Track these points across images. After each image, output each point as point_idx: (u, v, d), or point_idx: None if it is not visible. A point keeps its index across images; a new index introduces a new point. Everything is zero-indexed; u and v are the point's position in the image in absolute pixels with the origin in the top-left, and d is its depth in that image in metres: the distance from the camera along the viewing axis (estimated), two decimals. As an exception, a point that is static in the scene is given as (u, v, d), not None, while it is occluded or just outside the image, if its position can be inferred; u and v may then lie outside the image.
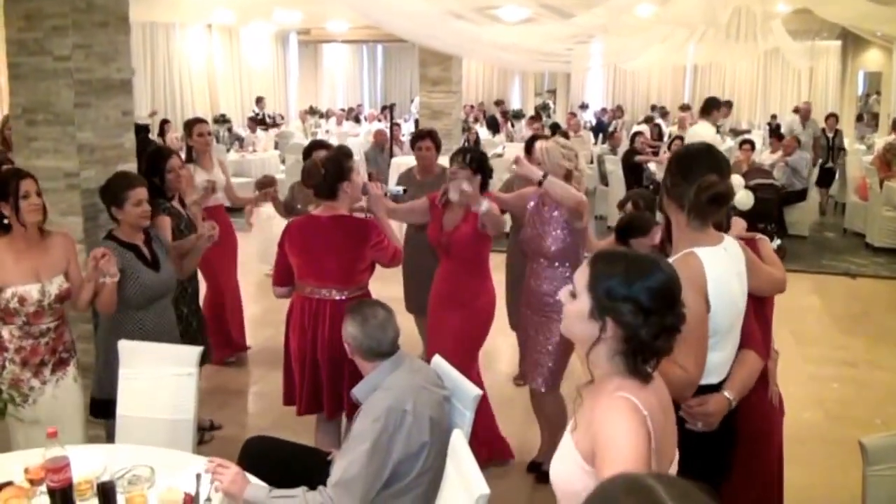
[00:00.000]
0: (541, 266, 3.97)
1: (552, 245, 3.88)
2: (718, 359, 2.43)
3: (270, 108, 16.72)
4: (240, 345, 5.88)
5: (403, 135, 14.10)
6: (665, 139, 12.72)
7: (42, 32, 3.86)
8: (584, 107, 19.97)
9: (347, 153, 3.86)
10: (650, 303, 1.73)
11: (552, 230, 3.89)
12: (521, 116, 16.52)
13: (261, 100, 16.73)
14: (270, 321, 5.13)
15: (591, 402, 1.79)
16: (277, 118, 16.93)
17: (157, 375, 3.22)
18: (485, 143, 12.59)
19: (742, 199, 7.95)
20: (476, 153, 4.10)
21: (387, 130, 11.26)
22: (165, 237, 4.04)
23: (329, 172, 3.73)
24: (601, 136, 15.27)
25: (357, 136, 15.27)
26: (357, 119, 17.62)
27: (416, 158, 5.48)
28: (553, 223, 3.89)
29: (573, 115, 15.83)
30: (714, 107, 8.21)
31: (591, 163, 11.83)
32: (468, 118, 15.42)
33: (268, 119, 16.37)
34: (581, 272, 1.81)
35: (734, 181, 8.12)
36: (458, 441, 2.53)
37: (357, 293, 3.66)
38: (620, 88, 21.21)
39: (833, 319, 7.01)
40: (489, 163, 4.06)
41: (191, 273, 4.21)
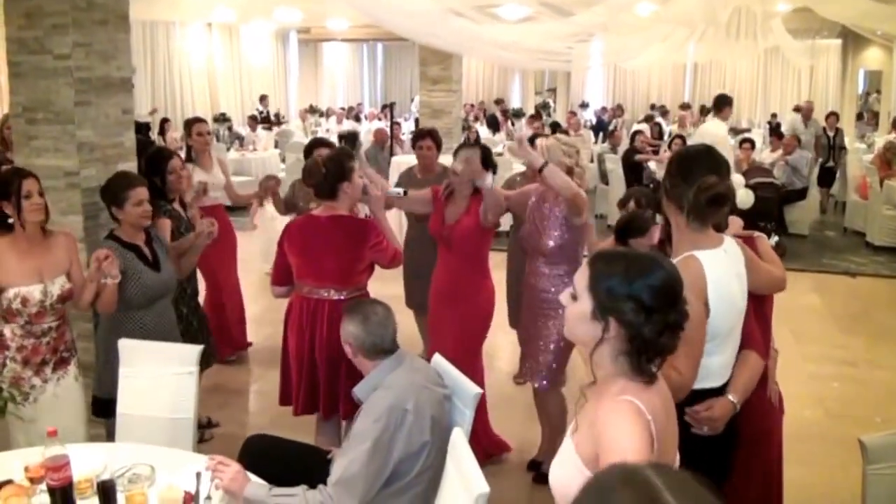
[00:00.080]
0: (539, 264, 3.96)
1: (550, 242, 3.87)
2: (719, 362, 2.42)
3: (272, 107, 16.71)
4: (240, 343, 5.87)
5: (404, 133, 14.09)
6: (665, 138, 12.73)
7: (42, 31, 3.85)
8: (585, 105, 19.97)
9: (349, 154, 3.85)
10: (652, 300, 1.71)
11: (550, 227, 3.89)
12: (522, 115, 16.50)
13: (265, 98, 16.71)
14: (271, 320, 5.13)
15: (594, 404, 1.77)
16: (282, 116, 16.93)
17: (158, 374, 3.22)
18: (485, 142, 12.57)
19: (742, 198, 7.96)
20: (480, 148, 4.10)
21: (387, 129, 11.26)
22: (165, 238, 4.03)
23: (330, 172, 3.72)
24: (601, 135, 15.26)
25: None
26: (357, 118, 17.60)
27: (417, 157, 5.49)
28: (552, 220, 3.89)
29: (573, 114, 15.83)
30: (725, 104, 8.32)
31: (592, 161, 11.82)
32: (468, 117, 15.41)
33: (272, 117, 16.38)
34: (581, 273, 1.79)
35: (734, 180, 8.15)
36: (459, 439, 2.53)
37: (355, 294, 3.65)
38: (621, 87, 21.22)
39: (833, 318, 7.01)
40: (493, 157, 4.06)
41: (189, 272, 4.20)
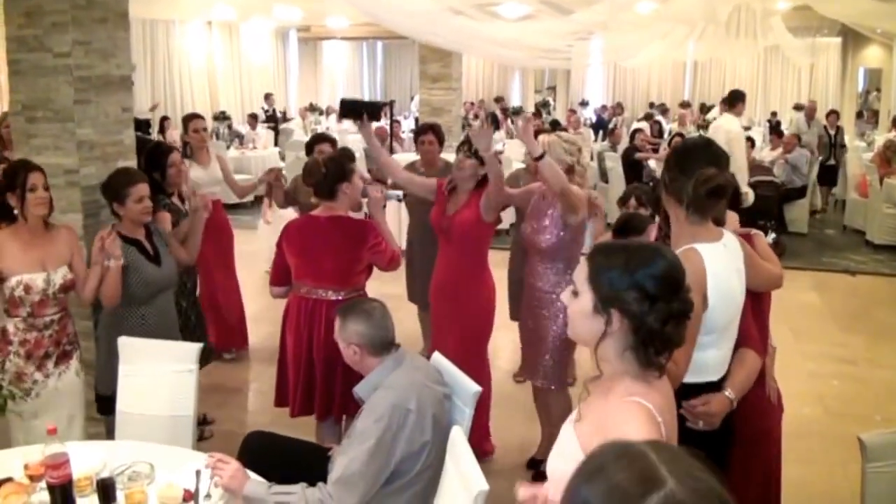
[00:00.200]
0: (536, 261, 3.97)
1: (546, 240, 3.88)
2: (716, 356, 2.42)
3: (263, 104, 16.69)
4: (238, 342, 5.87)
5: (403, 132, 14.09)
6: (665, 136, 12.73)
7: (42, 29, 3.85)
8: (585, 104, 19.96)
9: (350, 155, 3.87)
10: (655, 289, 1.68)
11: (547, 225, 3.89)
12: (521, 113, 16.49)
13: (269, 96, 16.70)
14: (272, 318, 5.13)
15: (601, 402, 1.74)
16: (287, 114, 16.90)
17: (157, 372, 3.23)
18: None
19: (742, 197, 7.96)
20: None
21: (386, 127, 11.26)
22: (166, 230, 4.05)
23: (330, 172, 3.73)
24: (601, 133, 15.26)
25: (357, 134, 15.23)
26: (356, 120, 17.53)
27: (419, 153, 5.47)
28: (548, 218, 3.89)
29: (573, 112, 15.83)
30: (739, 100, 8.34)
31: (592, 160, 11.81)
32: (468, 115, 15.40)
33: (278, 115, 16.35)
34: (580, 268, 1.76)
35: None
36: (458, 438, 2.54)
37: (353, 294, 3.65)
38: (620, 85, 21.22)
39: (833, 316, 7.01)
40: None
41: (197, 254, 4.21)
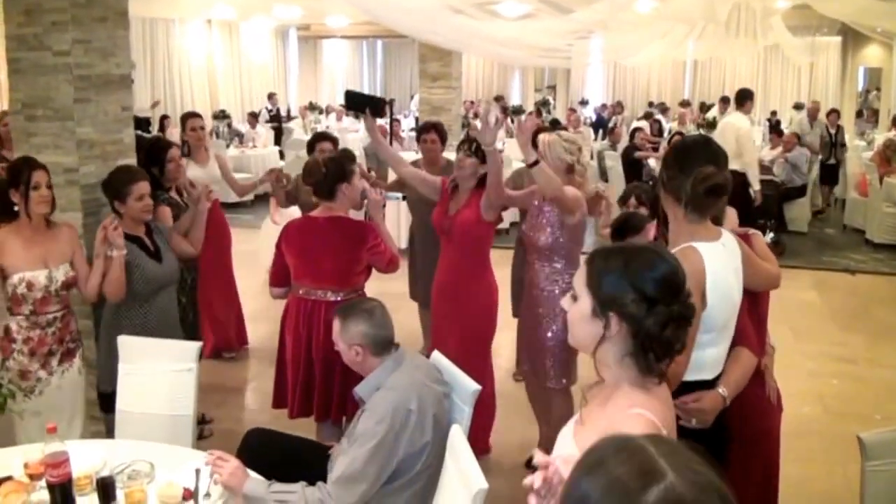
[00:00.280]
0: (534, 260, 3.98)
1: (543, 239, 3.88)
2: (713, 355, 2.41)
3: (266, 104, 16.69)
4: (237, 341, 5.87)
5: (403, 130, 14.08)
6: (665, 135, 12.73)
7: (41, 28, 3.85)
8: (584, 103, 19.97)
9: (350, 156, 3.88)
10: (654, 292, 1.64)
11: (544, 224, 3.90)
12: (521, 112, 16.49)
13: (272, 96, 16.70)
14: (272, 317, 5.12)
15: (601, 410, 1.71)
16: (291, 113, 16.88)
17: (157, 371, 3.23)
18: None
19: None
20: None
21: (386, 126, 11.25)
22: (166, 224, 4.08)
23: (329, 172, 3.74)
24: (601, 132, 15.26)
25: (357, 132, 15.25)
26: (357, 115, 17.56)
27: (422, 151, 5.45)
28: (546, 217, 3.89)
29: (573, 111, 15.84)
30: (747, 98, 8.38)
31: (591, 159, 11.81)
32: (468, 114, 15.40)
33: (282, 115, 16.35)
34: (579, 273, 1.74)
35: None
36: (457, 436, 2.54)
37: (352, 295, 3.65)
38: (620, 84, 21.22)
39: (832, 316, 7.01)
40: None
41: (201, 245, 4.22)
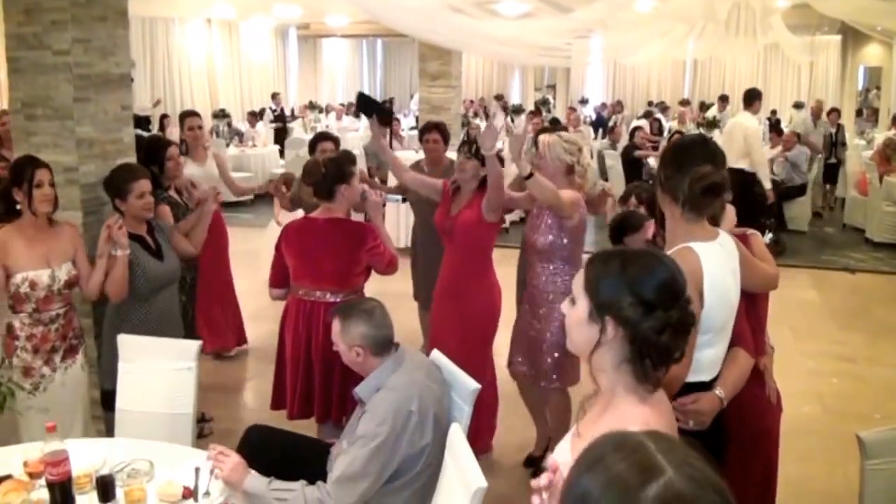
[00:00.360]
0: (534, 260, 3.99)
1: (542, 240, 3.89)
2: (711, 356, 2.40)
3: (270, 104, 16.66)
4: (236, 340, 5.88)
5: (403, 129, 14.07)
6: (665, 134, 12.73)
7: (41, 27, 3.85)
8: (584, 102, 19.96)
9: (351, 157, 3.89)
10: (652, 296, 1.60)
11: (543, 225, 3.91)
12: (521, 111, 16.49)
13: (276, 95, 16.71)
14: (272, 316, 5.11)
15: (597, 422, 1.67)
16: (295, 113, 16.86)
17: (156, 370, 3.23)
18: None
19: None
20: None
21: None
22: (167, 223, 4.09)
23: (329, 173, 3.75)
24: (601, 131, 15.25)
25: (357, 131, 15.26)
26: (357, 114, 17.55)
27: (424, 151, 5.45)
28: (544, 218, 3.90)
29: (573, 110, 15.84)
30: (756, 98, 8.37)
31: (591, 158, 11.82)
32: (468, 113, 15.39)
33: (286, 114, 16.35)
34: (578, 277, 1.72)
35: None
36: (456, 435, 2.54)
37: (351, 296, 3.65)
38: (620, 83, 21.21)
39: (832, 314, 7.01)
40: (499, 154, 4.05)
41: (201, 244, 4.25)
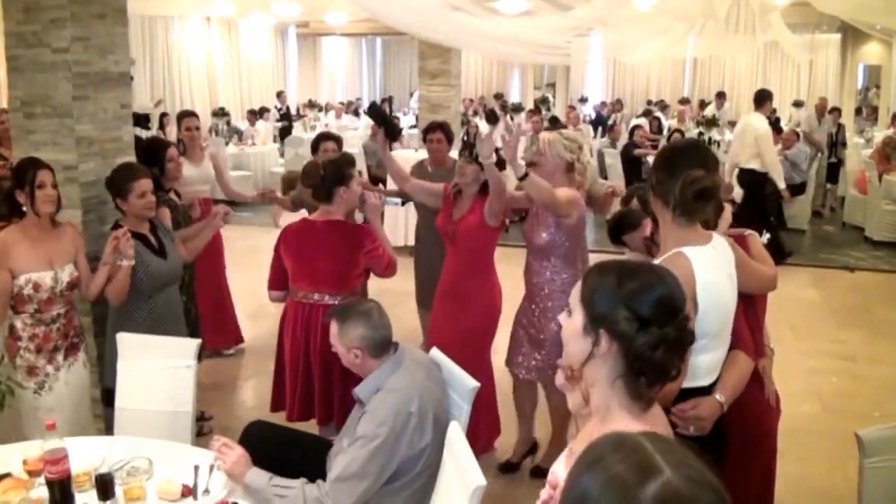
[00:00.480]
0: (532, 258, 3.99)
1: (540, 238, 3.90)
2: (709, 361, 2.39)
3: (270, 102, 16.65)
4: (232, 339, 5.90)
5: (402, 128, 14.06)
6: (665, 132, 12.73)
7: (40, 25, 3.85)
8: (584, 100, 19.94)
9: (350, 160, 3.90)
10: (648, 312, 1.57)
11: (540, 223, 3.91)
12: (521, 110, 16.48)
13: (281, 94, 16.68)
14: (271, 315, 5.13)
15: (590, 440, 1.63)
16: (300, 111, 16.84)
17: (156, 368, 3.23)
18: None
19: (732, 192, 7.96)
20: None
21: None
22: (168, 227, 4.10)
23: (328, 175, 3.76)
24: (600, 130, 15.25)
25: (356, 130, 15.25)
26: (356, 113, 17.57)
27: (428, 151, 5.44)
28: (542, 216, 3.91)
29: (572, 109, 15.83)
30: (766, 98, 8.34)
31: (591, 156, 11.80)
32: (467, 111, 15.38)
33: (291, 113, 16.33)
34: (575, 288, 1.69)
35: (725, 173, 8.04)
36: (455, 434, 2.53)
37: (350, 299, 3.64)
38: (620, 82, 21.18)
39: (831, 313, 7.02)
40: (500, 154, 4.04)
41: (196, 254, 4.27)
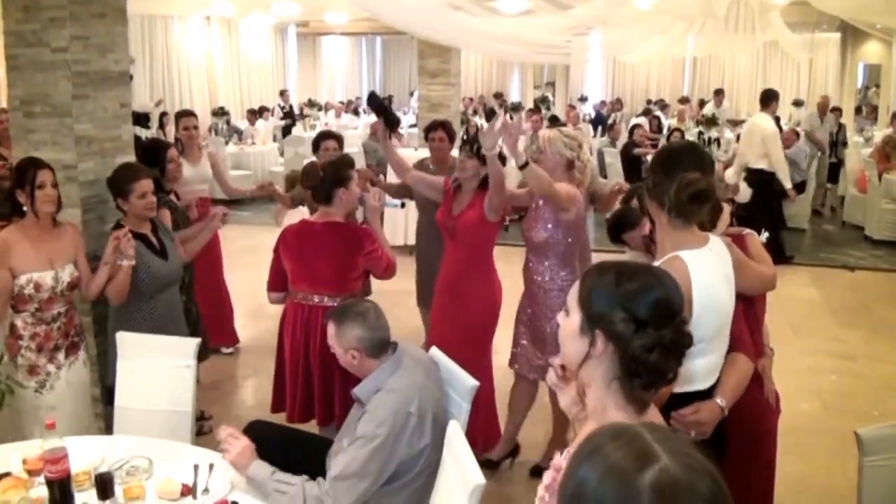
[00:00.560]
0: (531, 256, 4.00)
1: (538, 236, 3.90)
2: (706, 364, 2.38)
3: (269, 102, 16.66)
4: (229, 338, 5.91)
5: (402, 128, 14.05)
6: (664, 132, 12.72)
7: (40, 24, 3.84)
8: (584, 99, 19.93)
9: (349, 161, 3.89)
10: (644, 313, 1.56)
11: (539, 221, 3.91)
12: (521, 109, 16.47)
13: (284, 92, 16.66)
14: (271, 314, 5.13)
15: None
16: (306, 110, 16.85)
17: (155, 367, 3.24)
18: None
19: (741, 192, 7.95)
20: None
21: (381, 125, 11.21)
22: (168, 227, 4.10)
23: (327, 177, 3.75)
24: (600, 129, 15.24)
25: (356, 129, 15.25)
26: (356, 112, 17.57)
27: (430, 150, 5.42)
28: (540, 213, 3.91)
29: (572, 108, 15.83)
30: (772, 98, 8.34)
31: (591, 155, 11.79)
32: (467, 110, 15.38)
33: (295, 111, 16.33)
34: (573, 288, 1.69)
35: (733, 173, 8.02)
36: (455, 432, 2.53)
37: (348, 300, 3.65)
38: (620, 81, 21.17)
39: (831, 312, 7.02)
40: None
41: (194, 255, 4.28)
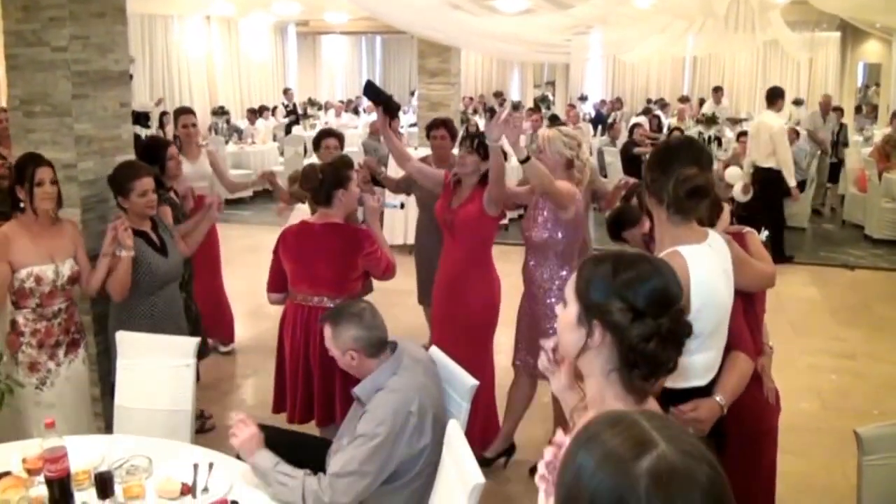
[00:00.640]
0: (530, 256, 4.00)
1: (538, 235, 3.90)
2: (704, 360, 2.38)
3: (269, 101, 16.66)
4: (226, 337, 5.92)
5: (402, 126, 14.06)
6: (664, 131, 12.72)
7: (39, 24, 3.85)
8: (584, 98, 19.92)
9: (348, 162, 3.89)
10: (641, 302, 1.55)
11: (539, 220, 3.91)
12: (520, 108, 16.47)
13: (287, 91, 16.65)
14: (270, 314, 5.13)
15: None
16: (309, 109, 16.86)
17: (155, 366, 3.24)
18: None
19: (740, 191, 7.95)
20: (484, 138, 4.03)
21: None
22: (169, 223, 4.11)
23: (326, 178, 3.75)
24: (600, 128, 15.24)
25: (356, 129, 15.24)
26: (356, 111, 17.57)
27: (432, 148, 5.42)
28: (540, 213, 3.91)
29: (572, 107, 15.83)
30: (778, 96, 8.37)
31: (591, 155, 11.79)
32: (467, 110, 15.37)
33: (299, 110, 16.32)
34: (571, 279, 1.69)
35: (732, 172, 8.03)
36: (454, 431, 2.53)
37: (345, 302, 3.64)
38: (620, 80, 21.16)
39: (831, 311, 7.02)
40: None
41: (196, 247, 4.28)
